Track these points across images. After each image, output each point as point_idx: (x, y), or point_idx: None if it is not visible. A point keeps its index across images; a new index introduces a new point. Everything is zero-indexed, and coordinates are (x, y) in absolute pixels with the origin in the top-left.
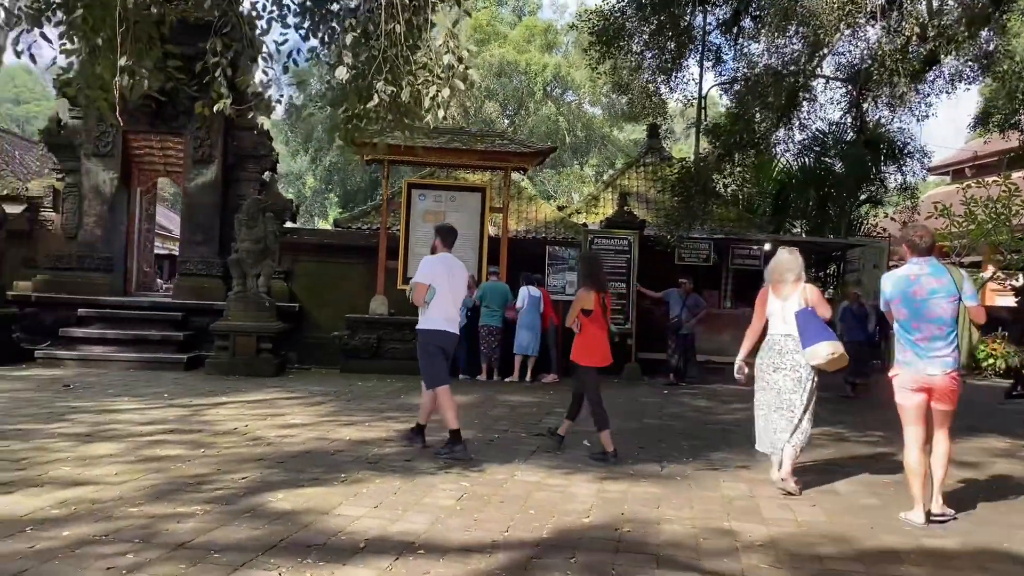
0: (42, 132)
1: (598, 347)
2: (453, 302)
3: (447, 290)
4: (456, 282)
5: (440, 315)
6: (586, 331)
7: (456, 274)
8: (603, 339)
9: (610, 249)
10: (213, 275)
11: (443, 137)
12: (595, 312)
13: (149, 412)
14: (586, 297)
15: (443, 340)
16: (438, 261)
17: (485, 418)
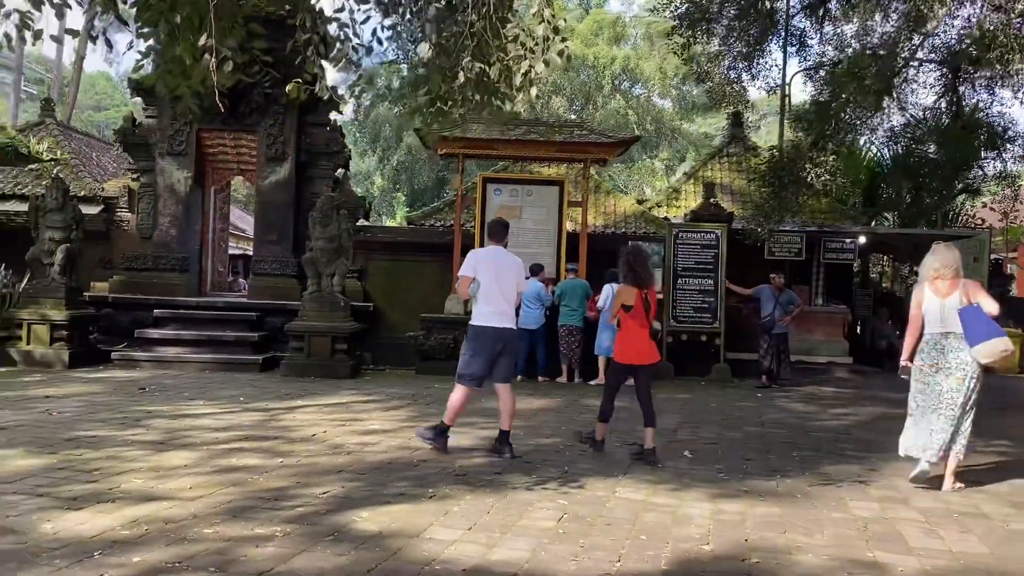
0: (117, 132)
1: (635, 344)
2: (502, 295)
3: (493, 282)
4: (504, 275)
5: (488, 309)
6: (625, 327)
7: (504, 267)
8: (643, 336)
9: (696, 244)
10: (287, 275)
11: (519, 129)
12: (636, 308)
13: (224, 417)
14: (626, 292)
15: (492, 336)
16: (484, 253)
17: (572, 425)
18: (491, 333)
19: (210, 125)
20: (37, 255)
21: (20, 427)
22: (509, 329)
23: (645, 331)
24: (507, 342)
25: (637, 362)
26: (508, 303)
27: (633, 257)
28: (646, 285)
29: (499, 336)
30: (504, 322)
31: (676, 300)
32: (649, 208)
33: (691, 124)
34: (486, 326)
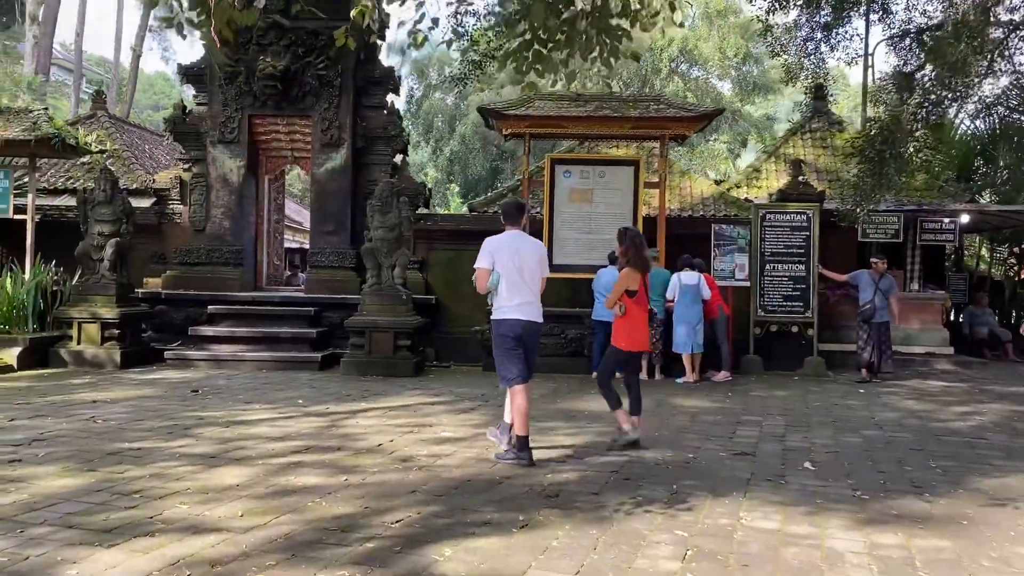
0: (167, 121)
1: (640, 330)
2: (524, 283)
3: (513, 271)
4: (526, 261)
5: (510, 301)
6: (631, 314)
7: (526, 253)
8: (645, 322)
9: (785, 226)
10: (345, 267)
11: (589, 104)
12: (640, 292)
13: (282, 424)
14: (631, 277)
15: (517, 328)
16: (501, 239)
17: (667, 430)
18: (515, 325)
19: (262, 111)
20: (86, 250)
21: (61, 438)
22: (534, 323)
23: (646, 316)
24: (532, 336)
25: (642, 349)
26: (532, 292)
27: (638, 240)
28: (647, 270)
29: (524, 328)
30: (530, 314)
31: (764, 288)
32: (727, 189)
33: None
34: (508, 318)
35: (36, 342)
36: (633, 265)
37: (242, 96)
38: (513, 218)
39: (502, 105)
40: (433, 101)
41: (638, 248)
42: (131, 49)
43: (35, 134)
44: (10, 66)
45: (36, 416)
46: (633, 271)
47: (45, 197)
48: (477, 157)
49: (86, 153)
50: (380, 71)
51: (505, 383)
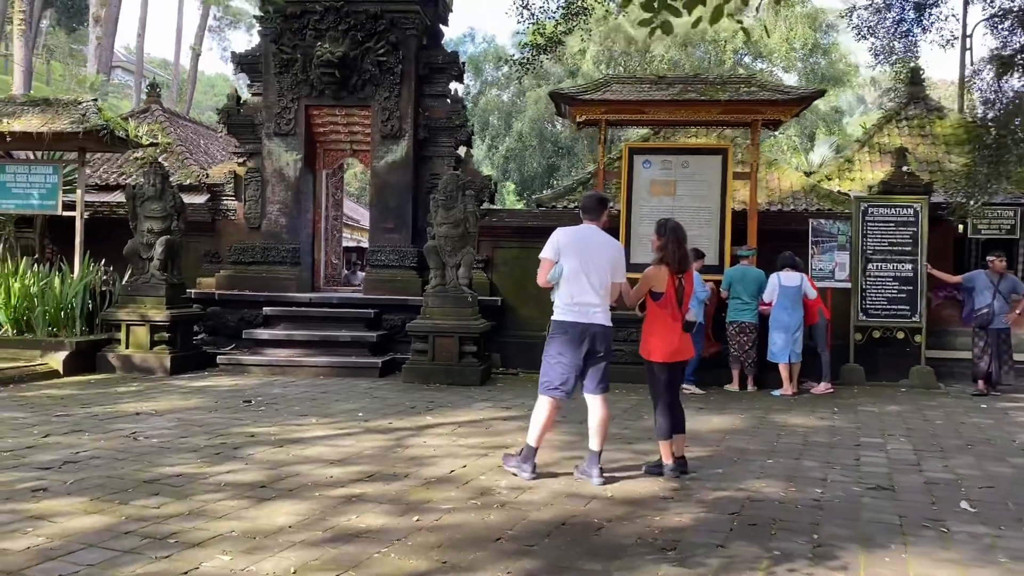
0: (220, 112)
1: (666, 338)
2: (589, 284)
3: (577, 267)
4: (594, 259)
5: (568, 301)
6: (652, 319)
7: (595, 249)
8: (675, 330)
9: (890, 221)
10: (406, 266)
11: (673, 88)
12: (667, 295)
13: (341, 443)
14: (655, 275)
15: (576, 332)
16: (571, 231)
17: (779, 455)
18: (573, 329)
19: (319, 101)
20: (135, 249)
21: (96, 460)
22: (599, 325)
23: (678, 324)
24: (597, 341)
25: (672, 359)
26: (598, 294)
27: (674, 233)
28: (683, 268)
29: (585, 332)
30: (591, 316)
31: (866, 289)
32: (818, 181)
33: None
34: (562, 319)
35: (83, 345)
36: (668, 262)
37: (298, 85)
38: (592, 212)
39: (576, 89)
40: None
41: (679, 243)
42: (191, 48)
43: (83, 126)
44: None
45: (73, 431)
46: (662, 269)
47: (96, 193)
48: (534, 154)
49: (137, 146)
50: (443, 57)
51: (542, 389)
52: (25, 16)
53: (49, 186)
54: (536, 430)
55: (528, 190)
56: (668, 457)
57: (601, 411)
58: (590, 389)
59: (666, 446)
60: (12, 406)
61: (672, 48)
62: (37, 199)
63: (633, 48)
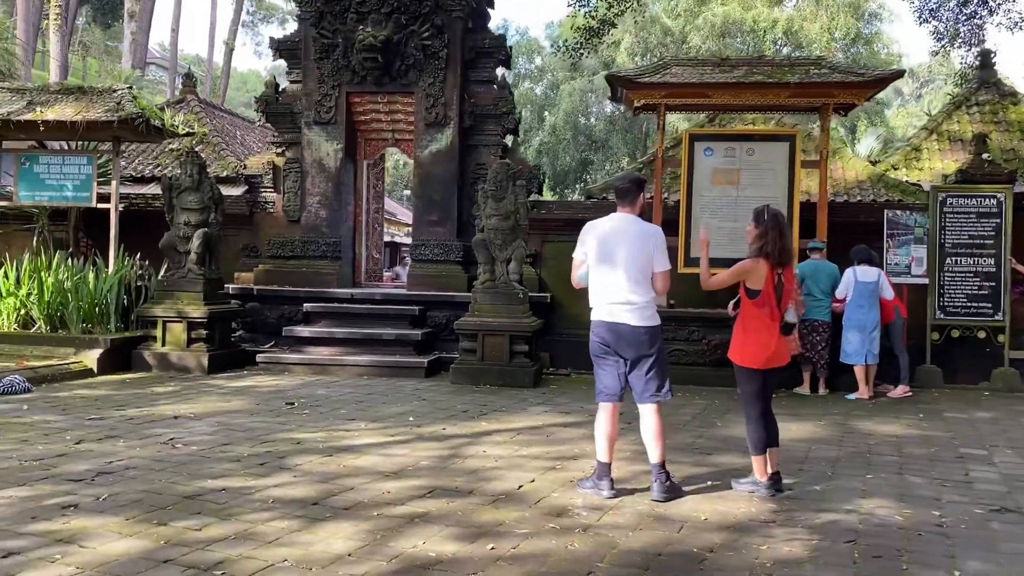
0: (258, 100)
1: (763, 342)
2: (616, 281)
3: (602, 263)
4: (621, 251)
5: (596, 300)
6: (746, 317)
7: (623, 240)
8: (771, 331)
9: (971, 212)
10: (451, 260)
11: (737, 69)
12: (765, 293)
13: (394, 452)
14: (752, 269)
15: (600, 334)
16: (596, 224)
17: (878, 469)
18: (600, 329)
19: (361, 88)
20: (172, 242)
21: (131, 470)
22: (626, 326)
23: (776, 324)
24: (624, 343)
25: (768, 365)
26: (631, 290)
27: (775, 221)
28: (784, 262)
29: (610, 333)
30: (618, 315)
31: (944, 286)
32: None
33: None
34: (594, 320)
35: (118, 343)
36: (768, 255)
37: (339, 71)
38: (625, 197)
39: (634, 71)
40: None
41: (781, 233)
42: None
43: (118, 115)
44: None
45: (107, 437)
46: (760, 263)
47: (131, 185)
48: (567, 148)
49: (173, 136)
50: (490, 40)
51: (597, 396)
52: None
53: (83, 177)
54: (600, 443)
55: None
56: (762, 474)
57: (649, 421)
58: (636, 397)
59: (760, 462)
60: (44, 408)
61: (709, 39)
62: (71, 191)
63: (669, 39)
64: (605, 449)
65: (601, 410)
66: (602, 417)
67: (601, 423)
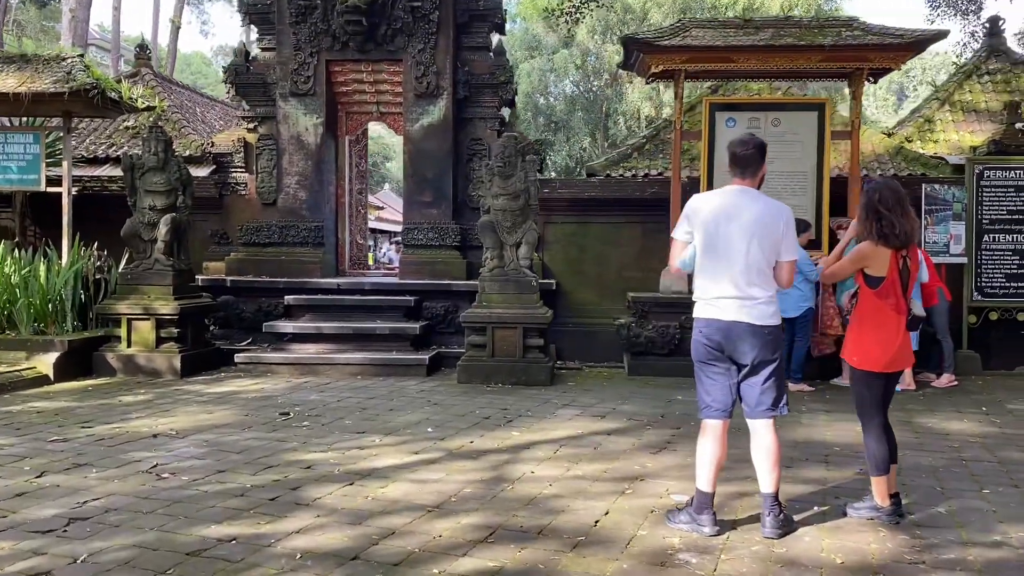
0: (227, 70)
1: (887, 339)
2: (731, 269)
3: (713, 247)
4: (739, 234)
5: (704, 294)
6: (866, 311)
7: (741, 220)
8: (898, 327)
9: (1009, 185)
10: (448, 245)
11: (764, 32)
12: (889, 280)
13: (426, 476)
14: (873, 253)
15: (711, 336)
16: (706, 198)
17: (986, 481)
18: (708, 328)
19: (342, 55)
20: (135, 229)
21: (112, 514)
22: (744, 325)
23: (902, 319)
24: (742, 345)
25: (891, 368)
26: (749, 282)
27: (884, 197)
28: (908, 243)
29: (724, 333)
30: (734, 312)
31: (982, 264)
32: (899, 144)
33: None
34: (699, 316)
35: (77, 344)
36: (876, 236)
37: (318, 37)
38: (745, 165)
39: (652, 34)
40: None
41: (890, 209)
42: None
43: (69, 86)
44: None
45: (76, 466)
46: (876, 246)
47: (84, 167)
48: (528, 129)
49: (132, 110)
50: (484, 2)
51: (701, 412)
52: None
53: (30, 158)
54: (704, 469)
55: None
56: (884, 498)
57: (765, 441)
58: (747, 412)
59: (881, 483)
60: None
61: (670, 17)
62: (15, 173)
63: (630, 17)
64: (709, 477)
65: (707, 430)
66: (708, 438)
67: (707, 446)
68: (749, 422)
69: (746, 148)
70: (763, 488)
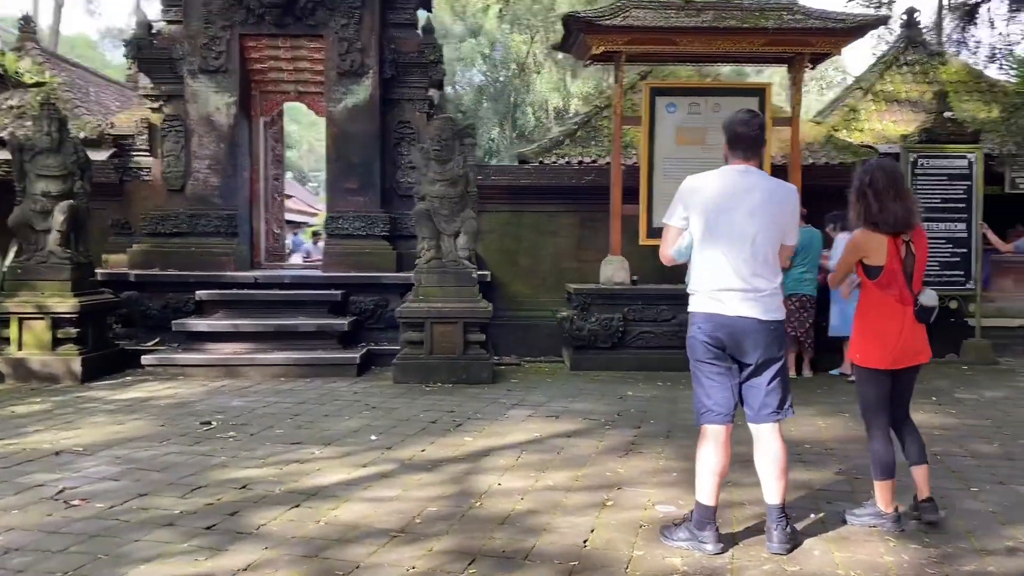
0: (128, 44)
1: (888, 332)
2: (733, 259)
3: (714, 234)
4: (746, 218)
5: (705, 286)
6: (867, 303)
7: (748, 203)
8: (903, 319)
9: (941, 173)
10: (376, 235)
11: (705, 14)
12: (888, 269)
13: (381, 493)
14: (865, 242)
15: (711, 332)
16: (704, 179)
17: (968, 477)
18: (707, 323)
19: (257, 29)
20: (26, 218)
21: (15, 555)
22: (748, 320)
23: (908, 311)
24: (745, 343)
25: (899, 365)
26: (753, 272)
27: (875, 179)
28: (904, 227)
29: (725, 330)
30: (736, 306)
31: None
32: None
33: None
34: (698, 311)
35: None
36: (872, 222)
37: (230, 9)
38: (750, 144)
39: (594, 13)
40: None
41: (898, 189)
42: None
43: None
44: None
45: None
46: (871, 232)
47: None
48: None
49: (18, 85)
50: None
51: (698, 418)
52: None
53: None
54: (706, 481)
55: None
56: (888, 504)
57: (772, 447)
58: (750, 416)
59: (885, 489)
60: None
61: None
62: None
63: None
64: (711, 489)
65: (708, 437)
66: (710, 446)
67: (708, 455)
68: (752, 427)
69: (751, 127)
70: (769, 499)
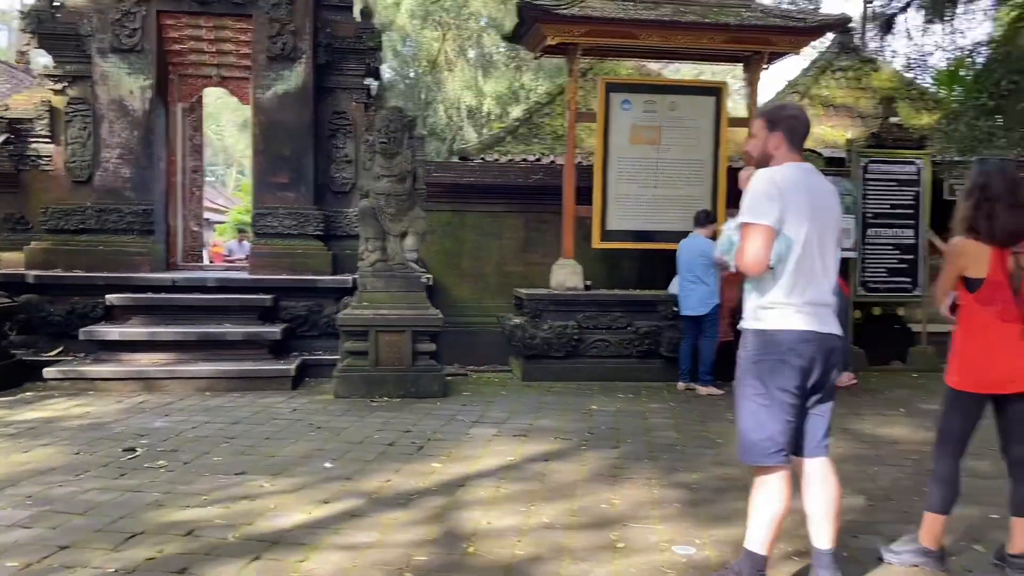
0: (27, 17)
1: (985, 352)
2: (827, 267)
3: (812, 239)
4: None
5: (794, 298)
6: (967, 320)
7: (826, 205)
8: (1003, 338)
9: (891, 179)
10: (309, 234)
11: (663, 8)
12: (991, 282)
13: (354, 537)
14: (964, 251)
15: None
16: (792, 175)
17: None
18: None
19: (177, 6)
20: None
21: None
22: (833, 337)
23: (1013, 329)
24: (832, 363)
25: (998, 389)
26: (828, 283)
27: (991, 183)
28: (1009, 240)
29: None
30: (826, 322)
31: (866, 259)
32: None
33: None
34: (787, 329)
35: None
36: (977, 230)
37: None
38: (803, 137)
39: (550, 2)
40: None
41: (995, 197)
42: None
43: None
44: None
45: None
46: (973, 242)
47: None
48: None
49: None
50: None
51: (746, 456)
52: None
53: None
54: (761, 528)
55: None
56: (935, 541)
57: (830, 483)
58: (812, 448)
59: (938, 523)
60: None
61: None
62: None
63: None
64: (767, 537)
65: (770, 480)
66: (773, 491)
67: (773, 500)
68: (807, 462)
69: (803, 119)
70: (819, 543)
